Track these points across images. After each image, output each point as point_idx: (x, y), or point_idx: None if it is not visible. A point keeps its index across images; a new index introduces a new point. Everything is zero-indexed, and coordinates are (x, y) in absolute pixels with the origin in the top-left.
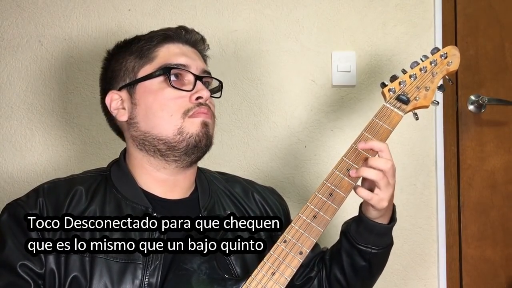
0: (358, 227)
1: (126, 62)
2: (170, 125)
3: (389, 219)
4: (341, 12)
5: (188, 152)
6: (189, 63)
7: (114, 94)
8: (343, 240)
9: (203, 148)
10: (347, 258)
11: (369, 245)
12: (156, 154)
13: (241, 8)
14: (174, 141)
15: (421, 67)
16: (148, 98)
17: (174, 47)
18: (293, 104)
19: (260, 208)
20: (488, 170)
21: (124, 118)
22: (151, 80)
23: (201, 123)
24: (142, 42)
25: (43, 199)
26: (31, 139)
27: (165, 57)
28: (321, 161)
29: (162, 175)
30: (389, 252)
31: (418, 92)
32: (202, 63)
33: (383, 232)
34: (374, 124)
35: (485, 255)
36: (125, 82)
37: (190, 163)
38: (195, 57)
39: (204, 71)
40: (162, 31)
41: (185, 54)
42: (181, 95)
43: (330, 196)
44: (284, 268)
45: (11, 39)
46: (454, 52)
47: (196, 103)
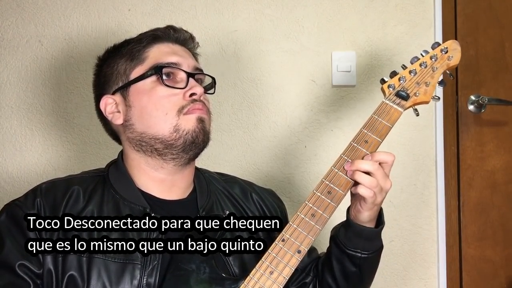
0: (347, 232)
1: (117, 65)
2: (166, 124)
3: (376, 223)
4: (341, 12)
5: (185, 149)
6: (180, 61)
7: (108, 99)
8: (333, 246)
9: (200, 143)
10: (338, 264)
11: (359, 250)
12: (153, 154)
13: (241, 8)
14: (171, 139)
15: (421, 62)
16: (142, 99)
17: (164, 46)
18: (293, 104)
19: (259, 209)
20: (488, 170)
21: (120, 121)
22: (144, 80)
23: (196, 119)
24: (132, 44)
25: (40, 199)
26: (31, 139)
27: (155, 57)
28: (321, 161)
29: (160, 175)
30: (379, 256)
31: (418, 87)
32: (193, 61)
33: (372, 236)
34: (373, 121)
35: (485, 255)
36: (118, 85)
37: (188, 161)
38: (185, 55)
39: (196, 68)
40: (151, 31)
41: (176, 52)
42: (174, 93)
43: (328, 194)
44: (283, 267)
45: (11, 39)
46: (455, 46)
47: (190, 99)
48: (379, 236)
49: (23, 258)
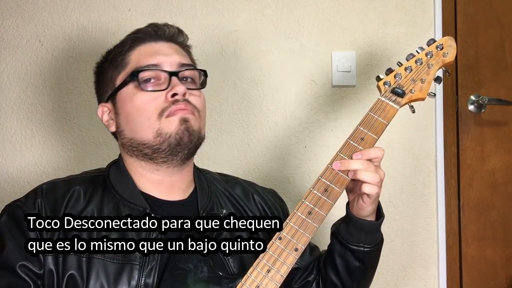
0: (348, 227)
1: (106, 73)
2: (149, 129)
3: (376, 215)
4: (341, 12)
5: (173, 151)
6: (162, 60)
7: (103, 107)
8: (335, 242)
9: (187, 144)
10: (341, 260)
11: (361, 244)
12: (145, 158)
13: (241, 8)
14: (156, 143)
15: (417, 59)
16: (127, 106)
17: (145, 48)
18: (293, 104)
19: (260, 209)
20: (488, 170)
21: (113, 128)
22: (127, 87)
23: (179, 120)
24: (116, 50)
25: (41, 200)
26: (31, 139)
27: (136, 61)
28: (321, 161)
29: (157, 176)
30: (381, 250)
31: (413, 84)
32: (179, 57)
33: (373, 228)
34: (369, 118)
35: (485, 255)
36: (108, 93)
37: (181, 161)
38: (169, 52)
39: (182, 65)
40: (131, 34)
41: (157, 52)
42: (155, 96)
43: (325, 192)
44: (280, 265)
45: (11, 39)
46: (450, 43)
47: (172, 100)
48: (380, 228)
49: (24, 258)
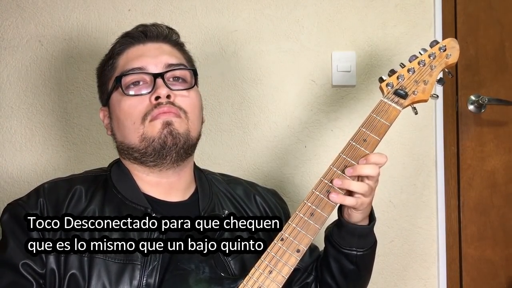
0: (340, 232)
1: (102, 77)
2: (135, 133)
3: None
4: (341, 12)
5: (160, 155)
6: (146, 63)
7: (103, 111)
8: (328, 246)
9: (172, 147)
10: (335, 263)
11: (354, 248)
12: (137, 162)
13: (241, 8)
14: (142, 148)
15: (420, 61)
16: (116, 110)
17: (132, 51)
18: (293, 104)
19: (261, 210)
20: (488, 170)
21: (109, 132)
22: (115, 92)
23: (161, 124)
24: (107, 55)
25: (43, 199)
26: (31, 139)
27: (123, 65)
28: (321, 161)
29: (153, 178)
30: (375, 251)
31: (416, 86)
32: (167, 57)
33: (366, 233)
34: (372, 120)
35: (485, 255)
36: (105, 97)
37: (173, 163)
38: (156, 54)
39: (169, 65)
40: (121, 37)
41: (143, 54)
42: (140, 100)
43: (327, 193)
44: (281, 266)
45: (11, 39)
46: (453, 44)
47: (155, 103)
48: (372, 232)
49: (27, 257)
